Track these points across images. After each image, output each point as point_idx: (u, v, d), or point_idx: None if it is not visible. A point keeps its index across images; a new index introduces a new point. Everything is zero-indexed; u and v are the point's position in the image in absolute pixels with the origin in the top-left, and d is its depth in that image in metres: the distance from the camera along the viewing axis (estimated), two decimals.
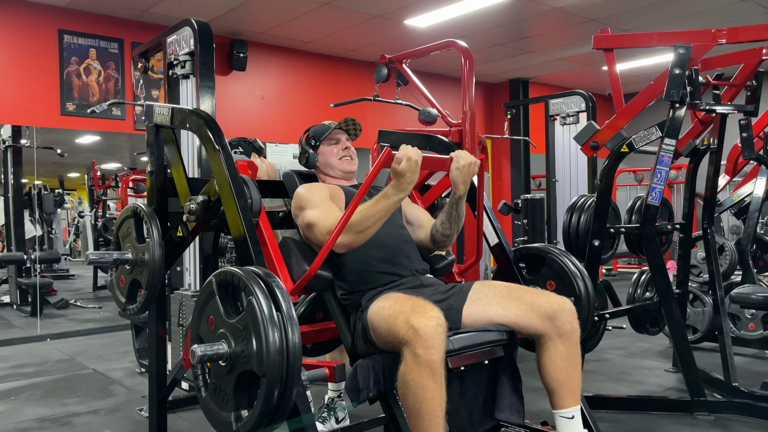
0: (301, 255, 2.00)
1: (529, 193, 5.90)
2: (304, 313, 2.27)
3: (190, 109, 2.12)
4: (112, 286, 2.23)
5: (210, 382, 1.62)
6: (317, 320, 2.28)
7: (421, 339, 1.60)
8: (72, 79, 5.62)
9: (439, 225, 2.13)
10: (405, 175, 1.79)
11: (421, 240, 2.21)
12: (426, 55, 4.09)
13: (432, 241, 2.18)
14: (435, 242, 2.18)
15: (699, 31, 2.63)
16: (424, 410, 1.62)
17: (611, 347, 4.39)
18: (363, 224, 1.85)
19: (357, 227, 1.85)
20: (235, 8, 5.67)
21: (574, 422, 1.85)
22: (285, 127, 6.78)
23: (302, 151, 2.30)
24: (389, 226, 2.11)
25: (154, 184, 2.22)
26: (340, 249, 1.90)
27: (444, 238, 2.15)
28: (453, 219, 2.10)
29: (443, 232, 2.13)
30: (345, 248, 1.90)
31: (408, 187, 1.82)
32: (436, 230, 2.15)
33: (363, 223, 1.85)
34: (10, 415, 3.15)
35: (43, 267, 6.37)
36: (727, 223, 6.66)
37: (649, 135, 2.68)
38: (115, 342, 4.89)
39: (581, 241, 2.95)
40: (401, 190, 1.82)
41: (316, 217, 1.98)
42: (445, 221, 2.11)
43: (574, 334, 1.86)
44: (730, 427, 2.77)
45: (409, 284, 2.00)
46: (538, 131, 7.76)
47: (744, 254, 3.71)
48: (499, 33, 6.63)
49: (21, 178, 6.07)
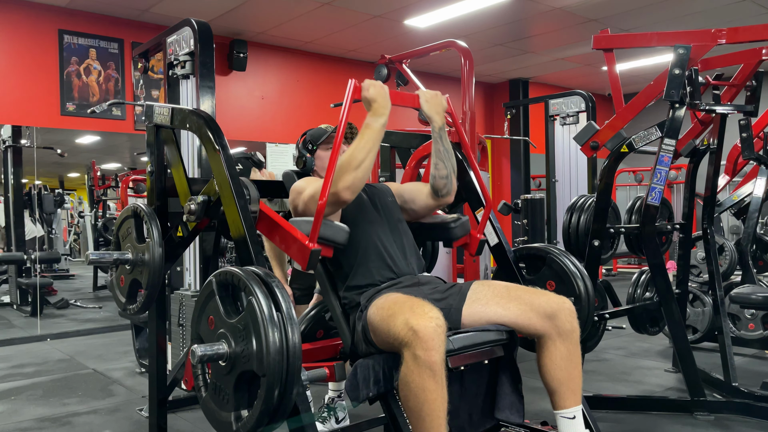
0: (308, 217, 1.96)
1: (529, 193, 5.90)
2: (304, 332, 2.24)
3: (190, 109, 2.12)
4: (112, 286, 2.23)
5: (210, 382, 1.62)
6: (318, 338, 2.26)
7: (420, 340, 1.59)
8: (72, 79, 5.62)
9: (434, 170, 2.13)
10: (376, 99, 1.88)
11: (426, 202, 2.19)
12: (426, 55, 4.09)
13: (435, 192, 2.15)
14: (437, 191, 2.14)
15: (699, 31, 2.63)
16: (426, 411, 1.61)
17: (611, 347, 4.39)
18: (356, 158, 1.84)
19: (351, 164, 1.83)
20: (235, 8, 5.67)
21: (576, 422, 1.85)
22: (285, 127, 6.78)
23: (299, 154, 2.30)
24: (386, 222, 2.10)
25: (154, 184, 2.22)
26: (346, 193, 1.83)
27: (444, 180, 2.12)
28: (442, 156, 2.10)
29: (440, 175, 2.12)
30: (349, 190, 1.83)
31: (383, 111, 1.88)
32: (433, 177, 2.13)
33: (355, 157, 1.84)
34: (10, 415, 3.15)
35: (43, 267, 6.36)
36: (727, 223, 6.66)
37: (649, 135, 2.68)
38: (115, 342, 4.89)
39: (581, 241, 2.95)
40: (379, 115, 1.88)
41: (315, 188, 1.96)
42: (437, 162, 2.11)
43: (573, 334, 1.86)
44: (730, 427, 2.77)
45: (406, 282, 2.00)
46: (538, 131, 7.77)
47: (744, 254, 3.71)
48: (499, 33, 6.63)
49: (21, 178, 6.07)
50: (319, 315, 2.20)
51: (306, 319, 2.22)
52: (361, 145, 1.86)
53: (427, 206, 2.21)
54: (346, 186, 1.82)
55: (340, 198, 1.84)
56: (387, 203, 2.19)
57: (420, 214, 2.26)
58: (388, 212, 2.15)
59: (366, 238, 2.02)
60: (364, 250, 2.01)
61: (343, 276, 2.01)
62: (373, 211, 2.11)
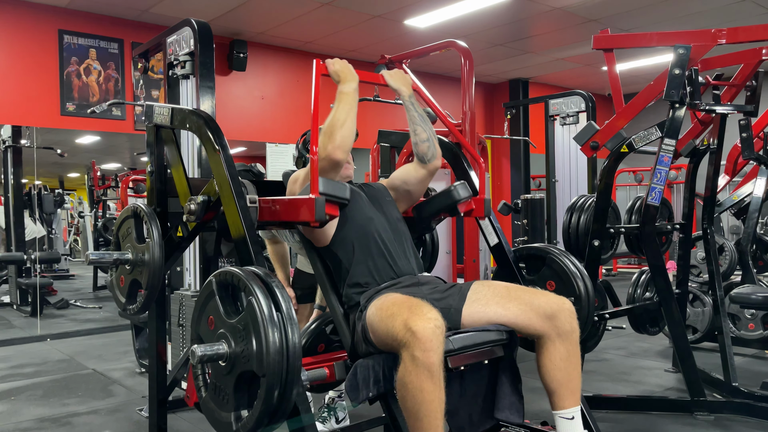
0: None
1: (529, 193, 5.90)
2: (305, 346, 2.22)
3: (190, 109, 2.12)
4: (112, 286, 2.23)
5: (210, 382, 1.62)
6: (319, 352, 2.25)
7: (419, 341, 1.59)
8: (72, 79, 5.62)
9: (414, 137, 2.18)
10: (342, 69, 2.03)
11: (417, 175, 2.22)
12: (426, 55, 4.09)
13: (421, 160, 2.19)
14: (423, 157, 2.18)
15: (699, 31, 2.63)
16: (423, 412, 1.62)
17: (611, 347, 4.39)
18: (338, 119, 1.92)
19: (336, 124, 1.91)
20: (235, 8, 5.67)
21: (574, 423, 1.85)
22: (285, 127, 6.78)
23: (300, 154, 2.31)
24: (386, 222, 2.10)
25: (154, 184, 2.22)
26: (338, 153, 1.89)
27: (426, 143, 2.18)
28: (417, 121, 2.17)
29: (420, 139, 2.17)
30: (340, 149, 1.89)
31: (351, 77, 2.01)
32: (415, 145, 2.19)
33: (338, 118, 1.92)
34: (10, 415, 3.15)
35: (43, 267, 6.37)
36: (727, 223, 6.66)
37: (649, 135, 2.68)
38: (115, 342, 4.89)
39: (581, 241, 2.95)
40: (348, 81, 2.01)
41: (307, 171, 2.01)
42: (415, 128, 2.18)
43: (573, 334, 1.86)
44: (730, 427, 2.77)
45: (406, 282, 2.00)
46: (538, 131, 7.76)
47: (744, 254, 3.71)
48: (499, 33, 6.63)
49: (21, 178, 6.07)
50: (320, 328, 2.19)
51: (307, 332, 2.20)
52: (340, 108, 1.95)
53: (418, 178, 2.22)
54: (336, 145, 1.89)
55: (333, 158, 1.89)
56: (386, 202, 2.19)
57: (416, 192, 2.26)
58: (388, 211, 2.16)
59: (365, 233, 2.02)
60: (364, 245, 2.01)
61: (343, 272, 2.01)
62: (372, 208, 2.12)
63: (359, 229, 2.01)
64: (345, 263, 2.00)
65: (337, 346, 2.17)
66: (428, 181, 2.25)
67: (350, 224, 2.01)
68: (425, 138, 2.17)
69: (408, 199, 2.28)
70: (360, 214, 2.06)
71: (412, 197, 2.28)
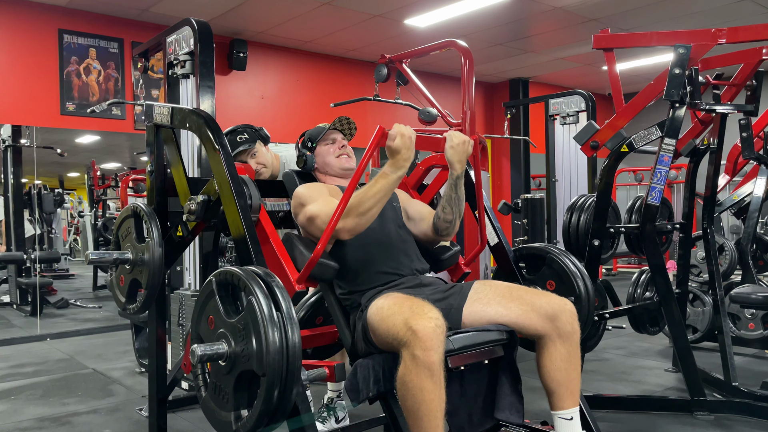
0: (304, 246, 1.98)
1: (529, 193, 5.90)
2: (304, 318, 2.25)
3: (190, 108, 2.12)
4: (112, 286, 2.23)
5: (210, 382, 1.62)
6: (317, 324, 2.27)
7: (419, 341, 1.59)
8: (72, 79, 5.62)
9: (440, 211, 2.11)
10: (401, 151, 1.84)
11: (424, 232, 2.20)
12: (426, 54, 4.09)
13: (435, 231, 2.16)
14: (438, 231, 2.15)
15: (699, 30, 2.63)
16: (423, 411, 1.62)
17: (611, 347, 4.39)
18: (363, 205, 1.84)
19: (358, 209, 1.84)
20: (235, 8, 5.67)
21: (573, 423, 1.85)
22: (285, 127, 6.77)
23: (300, 154, 2.31)
24: (388, 225, 2.11)
25: (154, 183, 2.22)
26: (344, 234, 1.88)
27: (447, 225, 2.12)
28: (453, 202, 2.08)
29: (445, 218, 2.11)
30: (348, 233, 1.89)
31: (405, 164, 1.85)
32: (438, 218, 2.13)
33: (363, 204, 1.84)
34: (10, 414, 3.15)
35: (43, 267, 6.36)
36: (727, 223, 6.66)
37: (649, 135, 2.68)
38: (115, 342, 4.89)
39: (581, 240, 2.95)
40: (398, 167, 1.85)
41: (317, 209, 1.98)
42: (446, 206, 2.09)
43: (574, 335, 1.86)
44: (730, 427, 2.77)
45: (408, 283, 2.00)
46: (538, 131, 7.76)
47: (744, 254, 3.71)
48: (499, 33, 6.63)
49: (21, 178, 6.07)
50: (318, 301, 2.20)
51: (306, 305, 2.22)
52: (372, 193, 1.85)
53: (425, 236, 2.21)
54: (347, 229, 1.87)
55: (338, 236, 1.90)
56: (392, 207, 2.18)
57: (416, 237, 2.24)
58: (392, 214, 2.16)
59: (368, 238, 2.02)
60: (366, 250, 2.01)
61: (344, 276, 2.01)
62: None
63: (362, 233, 2.01)
64: (346, 267, 2.00)
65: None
66: (432, 245, 2.26)
67: None
68: (450, 219, 2.11)
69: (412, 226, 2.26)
70: None
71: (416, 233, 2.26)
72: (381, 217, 2.09)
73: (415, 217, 2.24)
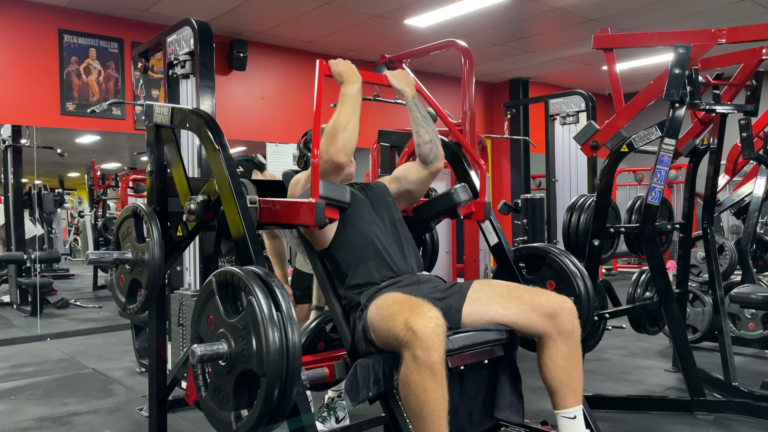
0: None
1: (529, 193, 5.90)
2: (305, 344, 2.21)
3: (190, 108, 2.12)
4: (112, 286, 2.23)
5: (210, 382, 1.62)
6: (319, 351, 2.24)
7: (420, 341, 1.59)
8: (72, 79, 5.62)
9: (417, 138, 2.17)
10: (346, 71, 2.01)
11: (419, 174, 2.22)
12: (426, 54, 4.09)
13: (423, 161, 2.19)
14: (425, 158, 2.18)
15: (699, 30, 2.63)
16: (427, 411, 1.61)
17: (611, 347, 4.39)
18: (341, 122, 1.90)
19: (338, 127, 1.90)
20: (235, 8, 5.67)
21: (576, 422, 1.85)
22: (285, 127, 6.78)
23: (301, 154, 2.31)
24: (385, 222, 2.10)
25: (154, 183, 2.22)
26: (340, 156, 1.88)
27: (428, 145, 2.17)
28: (421, 122, 2.16)
29: (423, 141, 2.17)
30: (343, 153, 1.89)
31: (355, 78, 1.99)
32: (418, 146, 2.18)
33: (340, 121, 1.91)
34: (10, 414, 3.15)
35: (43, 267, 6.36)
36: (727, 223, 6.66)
37: (649, 135, 2.68)
38: (115, 342, 4.89)
39: (581, 240, 2.95)
40: (352, 82, 1.99)
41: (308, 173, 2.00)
42: (418, 129, 2.17)
43: (575, 333, 1.85)
44: (730, 427, 2.77)
45: (406, 282, 2.00)
46: (538, 131, 7.77)
47: (744, 254, 3.71)
48: (499, 33, 6.63)
49: (21, 178, 6.07)
50: (319, 327, 2.19)
51: (307, 331, 2.20)
52: (343, 110, 1.93)
53: (420, 178, 2.22)
54: (338, 148, 1.88)
55: (335, 161, 1.88)
56: (387, 203, 2.18)
57: (416, 192, 2.26)
58: (388, 212, 2.16)
59: (364, 237, 2.02)
60: (363, 249, 2.01)
61: (342, 275, 2.01)
62: (372, 210, 2.11)
63: (358, 233, 2.01)
64: (344, 266, 2.00)
65: (336, 345, 2.17)
66: (429, 182, 2.25)
67: (350, 228, 2.01)
68: (428, 139, 2.16)
69: (408, 198, 2.28)
70: (359, 218, 2.05)
71: (413, 196, 2.28)
72: (377, 215, 2.10)
73: (403, 172, 2.26)
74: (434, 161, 2.18)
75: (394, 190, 2.26)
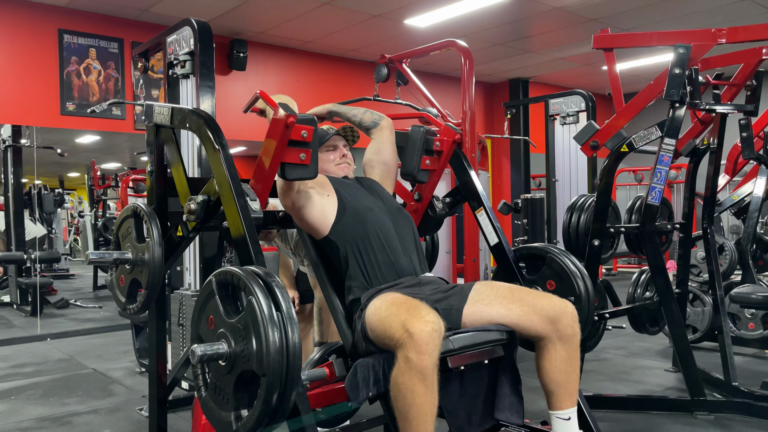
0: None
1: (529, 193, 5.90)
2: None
3: (190, 108, 2.12)
4: (112, 286, 2.22)
5: (210, 382, 1.62)
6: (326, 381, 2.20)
7: (414, 343, 1.59)
8: (72, 79, 5.62)
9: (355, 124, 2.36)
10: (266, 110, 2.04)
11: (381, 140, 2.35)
12: (426, 54, 4.09)
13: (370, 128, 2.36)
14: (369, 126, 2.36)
15: (699, 30, 2.63)
16: (413, 414, 1.61)
17: (611, 347, 4.39)
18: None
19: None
20: (235, 8, 5.67)
21: (570, 423, 1.86)
22: None
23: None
24: (385, 221, 2.10)
25: (154, 183, 2.21)
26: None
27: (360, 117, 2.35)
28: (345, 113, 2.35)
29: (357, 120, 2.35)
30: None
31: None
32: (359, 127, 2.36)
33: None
34: (10, 414, 3.15)
35: (43, 267, 6.37)
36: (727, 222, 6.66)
37: (649, 135, 2.68)
38: (115, 342, 4.89)
39: (581, 240, 2.95)
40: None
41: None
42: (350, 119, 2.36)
43: (575, 338, 1.86)
44: (730, 427, 2.77)
45: (408, 283, 2.00)
46: (538, 131, 7.76)
47: (744, 254, 3.71)
48: (499, 33, 6.63)
49: (21, 178, 6.08)
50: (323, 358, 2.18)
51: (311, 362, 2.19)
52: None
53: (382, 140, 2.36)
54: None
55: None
56: (383, 192, 2.23)
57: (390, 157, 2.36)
58: (387, 200, 2.19)
59: (365, 223, 2.03)
60: (365, 237, 2.01)
61: (344, 264, 2.01)
62: (371, 197, 2.15)
63: (358, 217, 2.03)
64: (344, 254, 2.00)
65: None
66: (391, 137, 2.37)
67: (349, 213, 2.03)
68: (359, 114, 2.33)
69: (388, 171, 2.35)
70: (359, 203, 2.07)
71: (389, 166, 2.35)
72: (377, 203, 2.11)
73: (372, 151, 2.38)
74: (378, 121, 2.35)
75: (376, 173, 2.34)
